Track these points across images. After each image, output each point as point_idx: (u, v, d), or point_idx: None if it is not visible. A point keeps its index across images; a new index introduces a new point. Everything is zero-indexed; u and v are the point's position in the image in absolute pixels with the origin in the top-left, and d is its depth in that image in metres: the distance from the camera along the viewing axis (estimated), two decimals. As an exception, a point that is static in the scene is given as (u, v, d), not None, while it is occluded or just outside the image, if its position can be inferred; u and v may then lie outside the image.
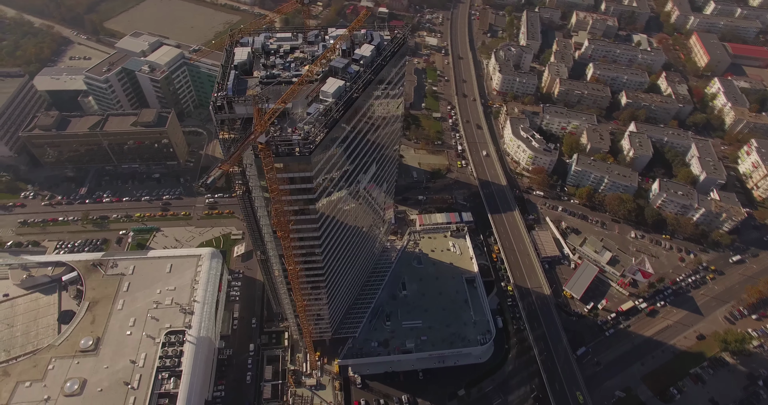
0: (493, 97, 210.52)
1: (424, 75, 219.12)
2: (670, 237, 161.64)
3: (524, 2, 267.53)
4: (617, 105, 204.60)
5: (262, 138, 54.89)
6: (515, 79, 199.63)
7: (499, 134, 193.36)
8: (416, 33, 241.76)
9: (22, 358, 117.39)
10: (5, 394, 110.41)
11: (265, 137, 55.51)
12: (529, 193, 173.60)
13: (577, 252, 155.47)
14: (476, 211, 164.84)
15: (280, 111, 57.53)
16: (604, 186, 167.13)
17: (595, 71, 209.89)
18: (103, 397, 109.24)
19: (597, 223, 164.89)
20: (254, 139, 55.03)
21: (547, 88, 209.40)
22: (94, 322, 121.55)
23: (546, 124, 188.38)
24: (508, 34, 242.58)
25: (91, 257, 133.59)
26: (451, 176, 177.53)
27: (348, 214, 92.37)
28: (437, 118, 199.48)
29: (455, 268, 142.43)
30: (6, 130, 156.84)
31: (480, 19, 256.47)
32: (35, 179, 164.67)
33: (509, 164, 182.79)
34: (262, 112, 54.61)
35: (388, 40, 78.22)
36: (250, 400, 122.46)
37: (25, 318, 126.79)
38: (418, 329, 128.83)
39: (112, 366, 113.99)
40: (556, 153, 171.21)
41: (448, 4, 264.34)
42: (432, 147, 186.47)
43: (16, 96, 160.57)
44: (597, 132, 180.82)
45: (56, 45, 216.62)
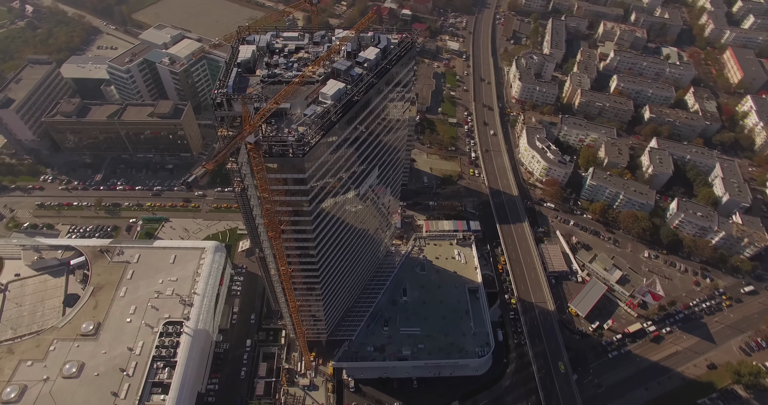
0: (512, 105, 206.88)
1: (443, 79, 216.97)
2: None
3: (551, 10, 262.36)
4: (640, 119, 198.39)
5: (251, 138, 54.44)
6: (535, 88, 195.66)
7: (514, 143, 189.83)
8: (438, 37, 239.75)
9: (27, 338, 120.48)
10: (8, 371, 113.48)
11: (254, 137, 55.02)
12: (540, 204, 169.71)
13: (585, 268, 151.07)
14: (485, 220, 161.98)
15: (271, 111, 56.99)
16: (619, 202, 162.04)
17: (619, 84, 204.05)
18: (99, 381, 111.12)
19: (609, 240, 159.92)
20: (241, 139, 54.64)
21: (567, 99, 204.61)
22: (97, 307, 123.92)
23: (563, 135, 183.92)
24: (531, 42, 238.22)
25: (99, 243, 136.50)
26: (463, 183, 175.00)
27: (347, 218, 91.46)
28: (453, 123, 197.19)
29: (459, 277, 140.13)
30: (31, 115, 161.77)
31: (504, 25, 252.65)
32: (55, 163, 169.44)
33: (523, 174, 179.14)
34: (251, 112, 54.08)
35: (395, 44, 76.95)
36: (242, 396, 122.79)
37: (33, 298, 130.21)
38: (415, 337, 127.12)
39: (110, 352, 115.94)
40: (571, 165, 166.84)
41: (473, 9, 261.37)
42: (445, 152, 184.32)
43: (42, 82, 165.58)
44: (616, 146, 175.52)
45: (86, 34, 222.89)
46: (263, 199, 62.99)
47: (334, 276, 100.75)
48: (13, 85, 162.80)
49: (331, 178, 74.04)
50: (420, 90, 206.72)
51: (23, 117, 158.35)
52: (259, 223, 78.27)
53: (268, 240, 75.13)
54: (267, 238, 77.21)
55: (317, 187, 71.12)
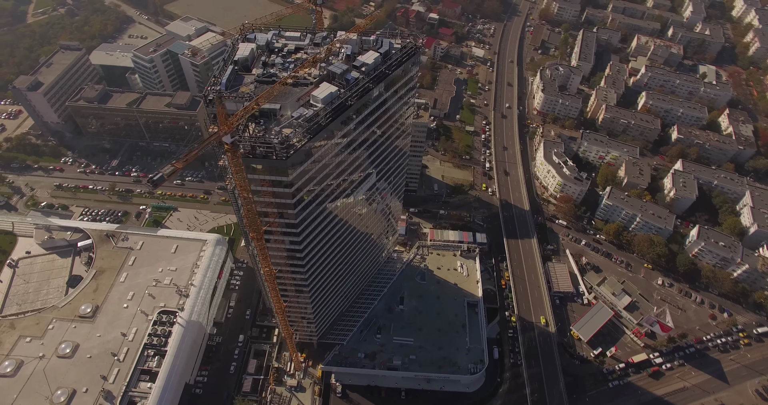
0: (533, 117, 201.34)
1: (465, 86, 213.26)
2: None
3: (583, 21, 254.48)
4: (666, 140, 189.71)
5: (227, 138, 53.58)
6: (558, 101, 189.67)
7: (531, 156, 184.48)
8: (464, 42, 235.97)
9: (30, 314, 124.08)
10: (8, 345, 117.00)
11: (231, 138, 54.12)
12: (552, 221, 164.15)
13: (593, 291, 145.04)
14: (493, 233, 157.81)
15: (250, 112, 55.97)
16: (635, 225, 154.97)
17: (648, 101, 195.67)
18: (90, 363, 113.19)
19: (621, 263, 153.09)
20: (216, 139, 53.81)
21: (591, 114, 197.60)
22: (97, 290, 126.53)
23: (583, 151, 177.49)
24: (560, 53, 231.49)
25: (107, 228, 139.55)
26: (473, 193, 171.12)
27: (339, 222, 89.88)
28: (470, 131, 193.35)
29: (459, 289, 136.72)
30: (57, 99, 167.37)
31: (533, 34, 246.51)
32: (76, 147, 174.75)
33: (537, 188, 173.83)
34: (226, 112, 53.21)
35: (398, 49, 74.92)
36: (229, 391, 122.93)
37: (40, 276, 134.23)
38: (408, 347, 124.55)
39: (104, 335, 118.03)
40: (587, 183, 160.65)
41: (502, 16, 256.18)
42: (459, 161, 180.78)
43: (71, 68, 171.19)
44: (637, 166, 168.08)
45: (119, 23, 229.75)
46: (243, 199, 62.14)
47: (324, 279, 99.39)
48: (44, 69, 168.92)
49: (320, 182, 72.62)
50: (439, 96, 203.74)
51: (50, 100, 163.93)
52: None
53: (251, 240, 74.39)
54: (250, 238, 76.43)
55: (304, 191, 69.82)
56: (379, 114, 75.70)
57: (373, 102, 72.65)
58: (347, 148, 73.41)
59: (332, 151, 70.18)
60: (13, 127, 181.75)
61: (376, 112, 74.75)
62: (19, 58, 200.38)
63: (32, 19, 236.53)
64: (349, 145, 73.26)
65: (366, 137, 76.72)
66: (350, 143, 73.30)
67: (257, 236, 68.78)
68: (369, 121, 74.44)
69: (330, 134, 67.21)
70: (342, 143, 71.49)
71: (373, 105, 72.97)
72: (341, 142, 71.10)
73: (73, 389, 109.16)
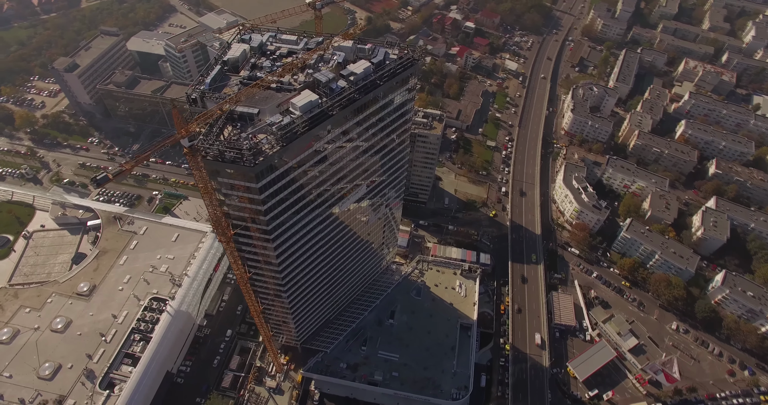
0: (560, 137, 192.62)
1: (492, 99, 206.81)
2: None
3: (629, 40, 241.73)
4: (702, 174, 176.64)
5: (185, 142, 52.39)
6: (587, 122, 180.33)
7: (551, 177, 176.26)
8: (498, 54, 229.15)
9: (34, 286, 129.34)
10: (9, 313, 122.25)
11: (189, 142, 52.91)
12: (565, 248, 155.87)
13: (598, 328, 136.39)
14: (499, 254, 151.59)
15: (213, 117, 54.57)
16: (653, 262, 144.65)
17: (687, 130, 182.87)
18: (79, 341, 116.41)
19: (633, 301, 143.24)
20: (172, 142, 52.69)
21: (623, 139, 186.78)
22: (97, 270, 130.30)
23: (607, 178, 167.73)
24: (598, 72, 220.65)
25: (115, 210, 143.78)
26: (485, 211, 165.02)
27: (323, 232, 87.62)
28: (491, 146, 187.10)
29: (454, 309, 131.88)
30: (91, 81, 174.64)
31: (573, 50, 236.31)
32: (104, 128, 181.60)
33: (553, 212, 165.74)
34: (182, 115, 52.00)
35: (393, 59, 71.85)
36: (209, 384, 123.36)
37: (49, 250, 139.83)
38: (392, 363, 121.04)
39: (96, 315, 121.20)
40: (605, 212, 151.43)
41: (542, 30, 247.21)
42: (474, 176, 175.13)
43: (107, 52, 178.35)
44: (664, 199, 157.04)
45: (162, 12, 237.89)
46: (206, 202, 61.03)
47: (304, 286, 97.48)
48: (83, 53, 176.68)
49: (297, 191, 70.65)
50: (464, 107, 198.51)
51: (84, 82, 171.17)
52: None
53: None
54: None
55: (278, 198, 67.98)
56: (366, 126, 72.95)
57: (359, 113, 69.99)
58: (328, 158, 71.03)
59: (310, 160, 68.02)
60: (51, 105, 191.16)
61: (363, 123, 72.07)
62: (67, 40, 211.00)
63: (86, 3, 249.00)
64: (330, 154, 70.88)
65: (351, 149, 74.17)
66: (331, 153, 70.91)
67: (224, 239, 67.60)
68: (354, 133, 71.81)
69: (307, 143, 65.07)
70: (323, 153, 69.20)
71: (359, 116, 70.29)
72: (322, 152, 68.81)
73: (59, 364, 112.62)
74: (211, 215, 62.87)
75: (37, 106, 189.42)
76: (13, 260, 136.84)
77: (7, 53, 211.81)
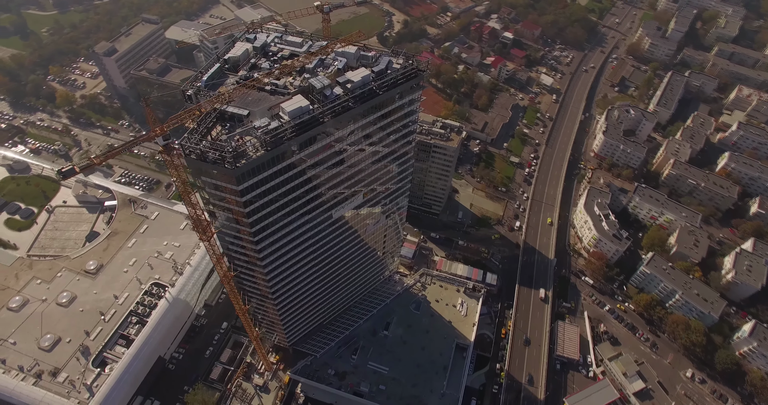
0: (588, 159, 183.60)
1: (522, 114, 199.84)
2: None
3: (677, 62, 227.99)
4: (742, 212, 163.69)
5: (160, 140, 51.75)
6: (619, 146, 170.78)
7: (573, 201, 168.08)
8: (535, 67, 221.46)
9: (48, 259, 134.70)
10: (22, 282, 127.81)
11: (164, 141, 52.24)
12: (578, 277, 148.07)
13: (603, 365, 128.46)
14: (507, 276, 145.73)
15: (190, 117, 53.67)
16: (673, 302, 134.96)
17: (730, 163, 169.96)
18: (80, 317, 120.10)
19: (646, 341, 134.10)
20: (145, 140, 52.12)
21: (657, 167, 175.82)
22: (107, 249, 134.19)
23: (633, 206, 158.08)
24: (639, 94, 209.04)
25: (132, 193, 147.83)
26: (499, 229, 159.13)
27: (314, 237, 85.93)
28: (514, 162, 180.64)
29: (452, 328, 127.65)
30: (127, 66, 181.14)
31: (614, 69, 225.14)
32: (134, 112, 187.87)
33: (570, 237, 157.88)
34: (155, 115, 51.21)
35: (396, 69, 69.12)
36: (198, 373, 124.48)
37: (67, 226, 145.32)
38: (381, 375, 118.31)
39: (99, 294, 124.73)
40: (626, 243, 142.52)
41: (585, 45, 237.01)
42: (493, 191, 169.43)
43: (145, 39, 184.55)
44: (693, 235, 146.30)
45: (204, 2, 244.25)
46: (184, 201, 60.47)
47: (294, 290, 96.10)
48: (123, 38, 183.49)
49: (285, 195, 69.18)
50: (491, 120, 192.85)
51: (120, 67, 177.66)
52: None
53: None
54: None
55: (262, 201, 66.72)
56: (362, 136, 70.61)
57: (354, 122, 67.74)
58: (318, 165, 69.18)
59: (298, 166, 66.31)
60: (91, 86, 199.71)
61: (358, 133, 69.79)
62: (114, 25, 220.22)
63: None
64: (320, 163, 68.99)
65: (344, 158, 72.02)
66: (322, 161, 68.99)
67: (204, 238, 67.05)
68: (348, 142, 69.62)
69: (296, 148, 63.43)
70: (313, 160, 67.39)
71: (354, 126, 68.03)
72: (311, 159, 66.99)
73: (59, 337, 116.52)
74: (190, 214, 62.40)
75: (78, 87, 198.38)
76: (33, 232, 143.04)
77: (61, 35, 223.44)
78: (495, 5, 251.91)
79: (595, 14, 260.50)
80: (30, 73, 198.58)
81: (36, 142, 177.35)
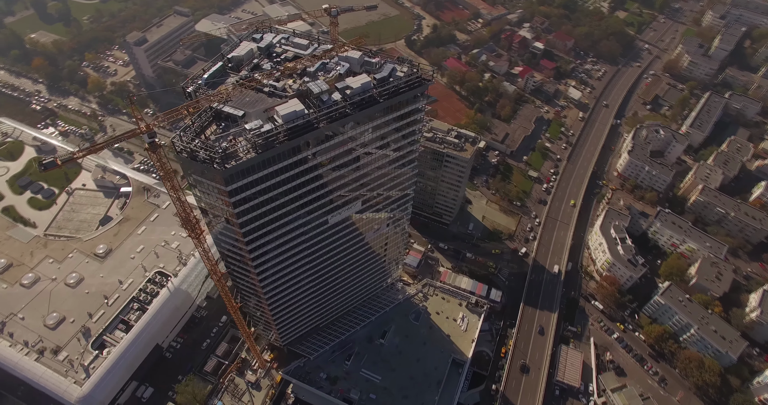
0: (611, 178, 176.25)
1: (546, 127, 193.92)
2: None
3: (718, 82, 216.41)
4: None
5: (146, 138, 51.53)
6: (644, 168, 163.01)
7: (590, 221, 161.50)
8: (564, 80, 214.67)
9: (62, 239, 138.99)
10: (36, 260, 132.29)
11: (150, 138, 51.98)
12: (588, 300, 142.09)
13: (605, 396, 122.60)
14: (512, 294, 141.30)
15: (176, 115, 53.21)
16: (688, 336, 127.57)
17: (766, 194, 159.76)
18: (85, 298, 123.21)
19: (655, 375, 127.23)
20: (128, 137, 51.95)
21: (684, 192, 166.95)
22: (117, 235, 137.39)
23: (654, 232, 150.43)
24: (672, 113, 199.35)
25: (147, 181, 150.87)
26: (509, 245, 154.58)
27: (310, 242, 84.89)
28: (532, 177, 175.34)
29: (450, 342, 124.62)
30: (155, 56, 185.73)
31: (648, 85, 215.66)
32: (160, 101, 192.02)
33: (584, 259, 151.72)
34: (139, 113, 50.88)
35: (399, 77, 67.08)
36: (192, 365, 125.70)
37: (84, 208, 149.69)
38: (372, 384, 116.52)
39: (105, 277, 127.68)
40: (641, 270, 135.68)
41: (619, 60, 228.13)
42: (507, 205, 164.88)
43: (174, 31, 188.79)
44: (716, 267, 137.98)
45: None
46: (171, 197, 60.28)
47: (286, 291, 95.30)
48: (154, 29, 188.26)
49: (277, 198, 68.27)
50: (513, 131, 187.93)
51: (149, 56, 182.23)
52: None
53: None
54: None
55: (251, 204, 65.99)
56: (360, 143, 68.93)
57: (352, 129, 66.18)
58: (312, 171, 67.88)
59: (291, 170, 65.17)
60: (122, 74, 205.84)
61: (356, 140, 68.14)
62: (149, 16, 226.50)
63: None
64: (314, 168, 67.69)
65: (341, 164, 70.50)
66: (316, 167, 67.69)
67: (193, 235, 66.88)
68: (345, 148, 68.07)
69: (289, 152, 62.36)
70: (306, 165, 66.16)
71: (351, 132, 66.45)
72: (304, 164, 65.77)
73: (63, 316, 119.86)
74: (178, 211, 62.24)
75: (110, 73, 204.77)
76: (52, 212, 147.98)
77: (99, 23, 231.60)
78: (528, 14, 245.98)
79: (633, 28, 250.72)
80: (67, 58, 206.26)
81: (65, 125, 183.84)
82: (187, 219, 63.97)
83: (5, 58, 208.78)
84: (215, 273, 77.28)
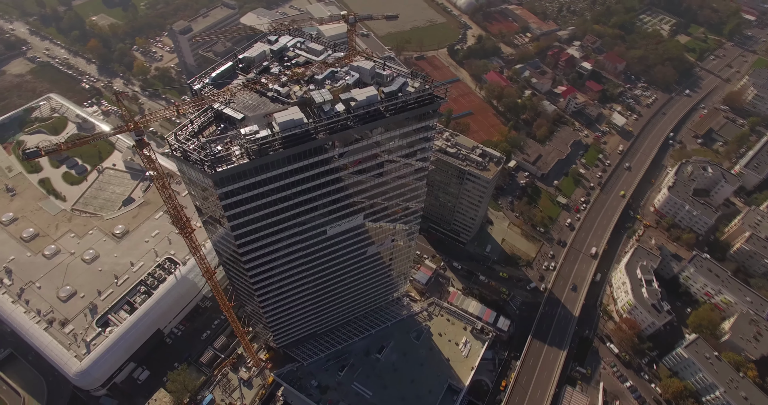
0: (646, 213, 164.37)
1: (583, 152, 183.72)
2: None
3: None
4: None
5: (133, 135, 50.62)
6: (684, 206, 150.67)
7: (617, 257, 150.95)
8: (609, 104, 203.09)
9: (86, 215, 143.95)
10: (59, 233, 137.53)
11: (137, 136, 50.97)
12: (603, 341, 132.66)
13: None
14: (521, 324, 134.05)
15: (159, 118, 51.92)
16: (711, 398, 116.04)
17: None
18: (97, 275, 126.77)
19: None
20: (115, 133, 50.99)
21: (727, 237, 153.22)
22: (136, 217, 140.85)
23: (686, 277, 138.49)
24: (726, 151, 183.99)
25: (172, 167, 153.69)
26: (528, 273, 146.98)
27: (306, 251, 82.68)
28: (561, 203, 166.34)
29: (448, 367, 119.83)
30: (198, 46, 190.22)
31: (703, 118, 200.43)
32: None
33: (604, 297, 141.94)
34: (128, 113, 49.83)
35: (409, 92, 63.40)
36: (189, 354, 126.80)
37: (110, 188, 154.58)
38: (362, 398, 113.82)
39: (119, 258, 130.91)
40: (665, 318, 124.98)
41: (673, 87, 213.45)
42: (530, 230, 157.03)
43: (219, 22, 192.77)
44: (755, 326, 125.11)
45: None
46: (162, 195, 59.39)
47: (280, 295, 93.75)
48: (200, 19, 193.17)
49: (271, 205, 66.32)
50: (547, 153, 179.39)
51: (191, 46, 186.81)
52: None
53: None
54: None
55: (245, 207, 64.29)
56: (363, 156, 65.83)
57: (356, 142, 63.20)
58: (309, 180, 65.36)
59: (286, 178, 62.90)
60: (167, 60, 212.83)
61: (359, 153, 65.10)
62: (199, 5, 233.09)
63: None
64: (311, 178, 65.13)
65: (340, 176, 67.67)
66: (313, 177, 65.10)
67: (184, 234, 66.01)
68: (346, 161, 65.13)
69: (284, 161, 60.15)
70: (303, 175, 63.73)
71: (356, 145, 63.44)
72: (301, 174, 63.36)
73: (75, 290, 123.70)
74: (168, 209, 61.44)
75: (156, 59, 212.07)
76: (82, 188, 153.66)
77: (154, 10, 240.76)
78: (580, 32, 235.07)
79: (694, 54, 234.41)
80: (120, 41, 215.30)
81: (108, 105, 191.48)
82: (178, 217, 63.05)
83: (66, 37, 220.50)
84: (208, 271, 76.32)
